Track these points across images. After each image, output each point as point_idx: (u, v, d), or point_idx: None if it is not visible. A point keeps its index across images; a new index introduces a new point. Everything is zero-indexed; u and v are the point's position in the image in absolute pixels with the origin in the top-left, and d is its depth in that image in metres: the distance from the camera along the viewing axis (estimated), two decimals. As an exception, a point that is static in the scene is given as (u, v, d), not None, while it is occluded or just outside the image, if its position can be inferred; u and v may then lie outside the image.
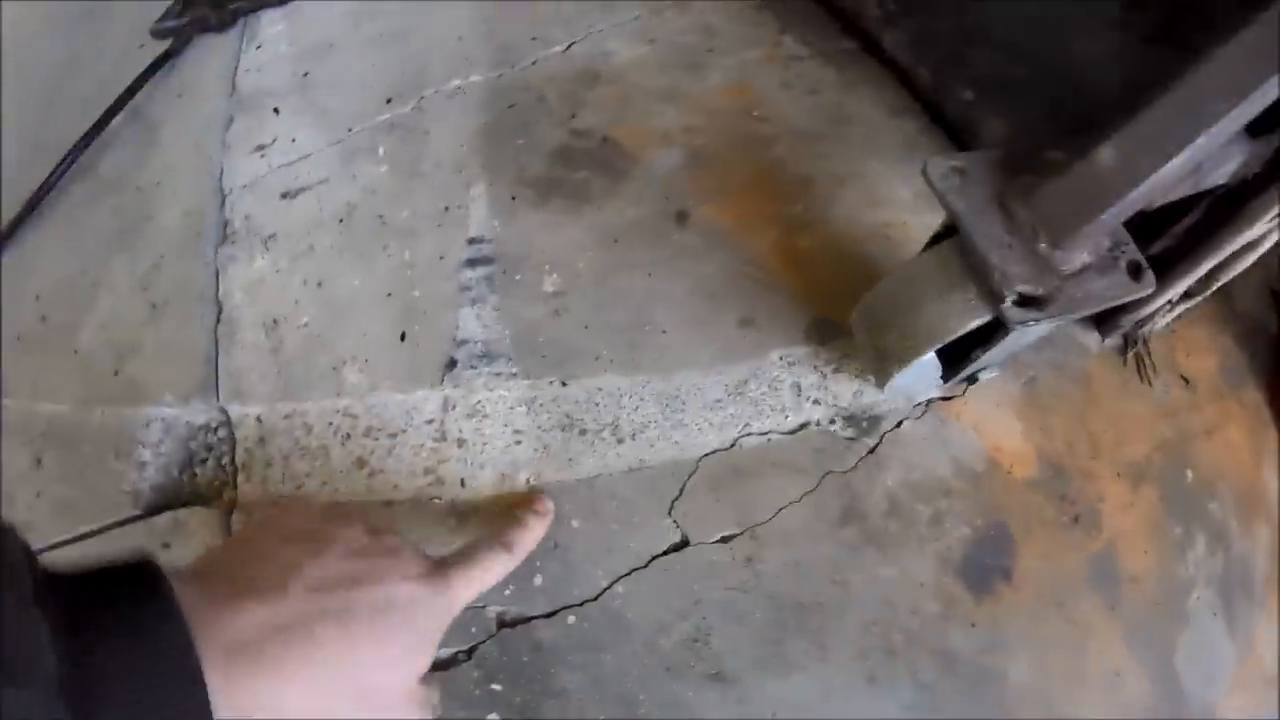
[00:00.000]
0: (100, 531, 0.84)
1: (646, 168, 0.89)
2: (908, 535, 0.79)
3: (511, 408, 0.78)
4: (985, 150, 0.67)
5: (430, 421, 0.78)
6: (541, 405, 0.78)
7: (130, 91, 1.08)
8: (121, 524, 0.83)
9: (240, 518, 0.79)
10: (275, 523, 0.45)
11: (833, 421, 0.81)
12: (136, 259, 0.96)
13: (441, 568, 0.50)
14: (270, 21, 1.09)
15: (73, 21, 1.24)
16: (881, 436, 0.82)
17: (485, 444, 0.76)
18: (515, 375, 0.78)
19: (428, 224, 0.86)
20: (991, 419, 0.86)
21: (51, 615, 0.29)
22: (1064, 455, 0.85)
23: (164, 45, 1.15)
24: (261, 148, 0.96)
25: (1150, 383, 0.95)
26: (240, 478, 0.81)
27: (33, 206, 1.05)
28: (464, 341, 0.80)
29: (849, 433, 0.81)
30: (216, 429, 0.84)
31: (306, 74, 1.01)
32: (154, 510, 0.84)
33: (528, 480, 0.75)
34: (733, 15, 1.06)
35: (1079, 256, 0.64)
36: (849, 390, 0.82)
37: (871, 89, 1.02)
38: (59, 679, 0.28)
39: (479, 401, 0.78)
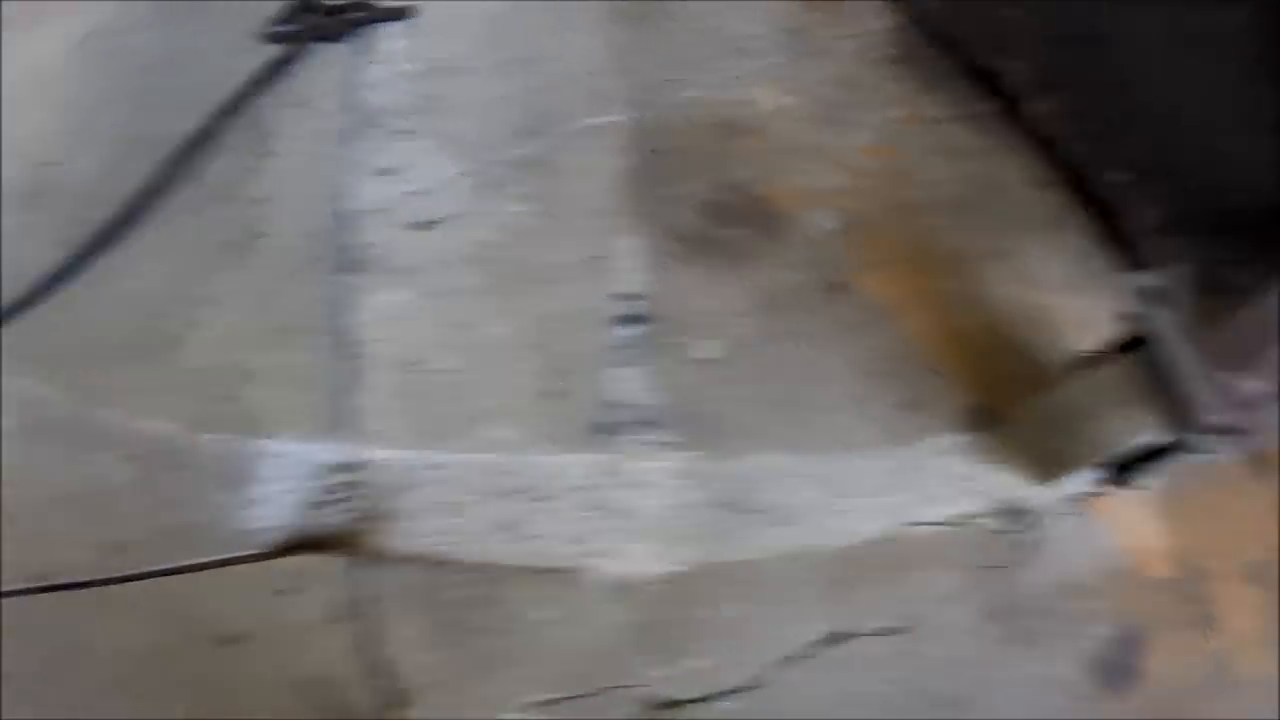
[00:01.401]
0: (218, 564, 0.78)
1: (800, 230, 0.86)
2: (1050, 633, 0.79)
3: (669, 480, 0.74)
4: (1176, 270, 0.67)
5: (581, 487, 0.73)
6: (702, 481, 0.75)
7: (242, 97, 1.02)
8: (239, 561, 0.77)
9: (372, 572, 0.74)
10: None
11: (987, 514, 0.79)
12: (251, 278, 0.91)
13: None
14: (389, 37, 1.05)
15: (171, 19, 1.18)
16: (1033, 532, 0.81)
17: (641, 516, 0.73)
18: (674, 446, 0.75)
19: (572, 273, 0.82)
20: (1131, 518, 0.85)
21: None
22: (1193, 555, 0.85)
23: (273, 50, 1.08)
24: (388, 171, 0.92)
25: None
26: (368, 526, 0.76)
27: (136, 208, 0.99)
28: (617, 404, 0.77)
29: (1002, 526, 0.80)
30: (342, 470, 0.79)
31: (432, 96, 0.97)
32: (272, 552, 0.78)
33: (684, 559, 0.71)
34: (871, 69, 1.04)
35: (1257, 384, 0.64)
36: (1004, 482, 0.81)
37: (1015, 157, 1.00)
38: None
39: (635, 471, 0.74)
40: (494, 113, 0.97)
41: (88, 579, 0.84)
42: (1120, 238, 0.96)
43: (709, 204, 0.88)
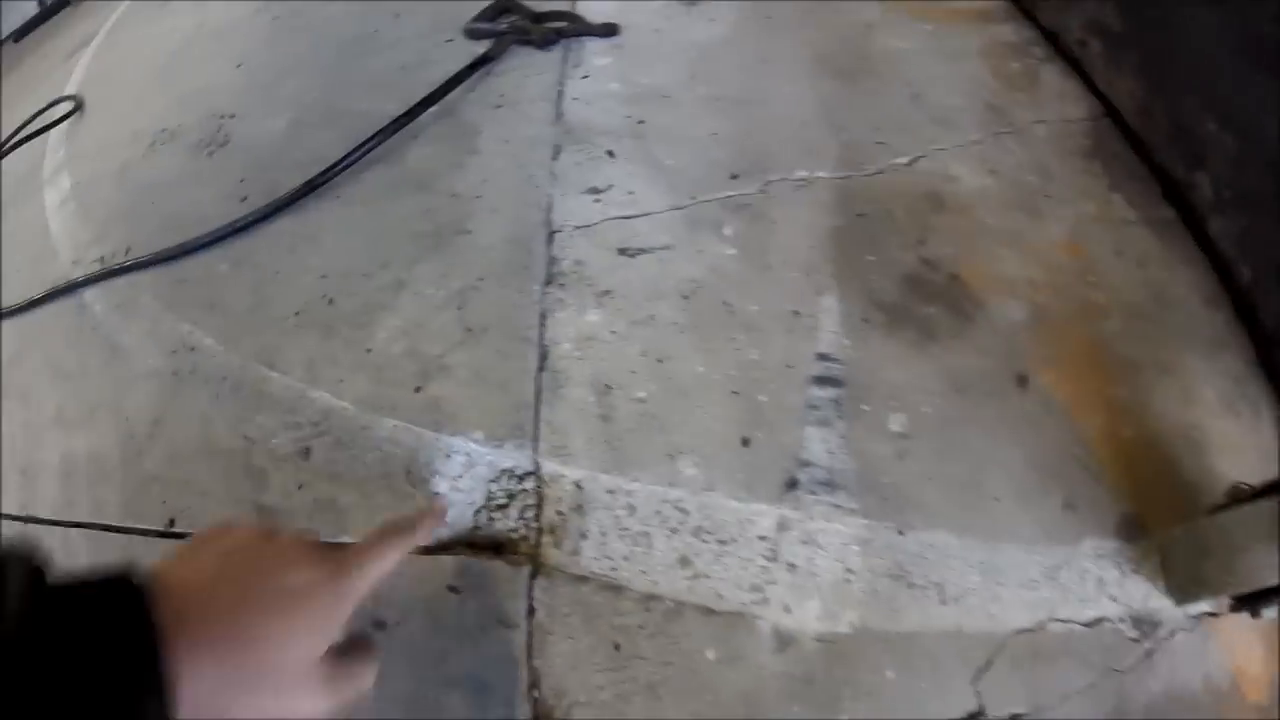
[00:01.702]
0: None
1: (991, 317, 0.88)
2: None
3: (846, 544, 0.77)
4: None
5: (764, 538, 0.77)
6: (876, 549, 0.77)
7: (445, 88, 1.05)
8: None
9: (543, 584, 0.78)
10: (214, 536, 0.50)
11: (1122, 620, 0.83)
12: (450, 272, 0.94)
13: (338, 558, 0.54)
14: (596, 52, 1.07)
15: None
16: (1158, 643, 0.84)
17: (816, 575, 0.76)
18: (855, 511, 0.78)
19: (776, 325, 0.85)
20: (1241, 640, 0.89)
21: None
22: None
23: (474, 46, 1.11)
24: (596, 191, 0.94)
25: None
26: (547, 540, 0.79)
27: (325, 177, 1.02)
28: (807, 463, 0.79)
29: (1133, 633, 0.83)
30: (524, 479, 0.82)
31: (642, 122, 0.99)
32: (443, 547, 0.82)
33: (851, 622, 0.75)
34: (1066, 158, 1.05)
35: None
36: (1141, 592, 0.85)
37: (1190, 271, 1.02)
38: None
39: (816, 530, 0.77)
40: (706, 149, 0.99)
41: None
42: (1271, 366, 0.98)
43: (909, 277, 0.90)
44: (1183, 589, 0.83)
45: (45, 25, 2.19)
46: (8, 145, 1.50)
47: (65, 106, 1.55)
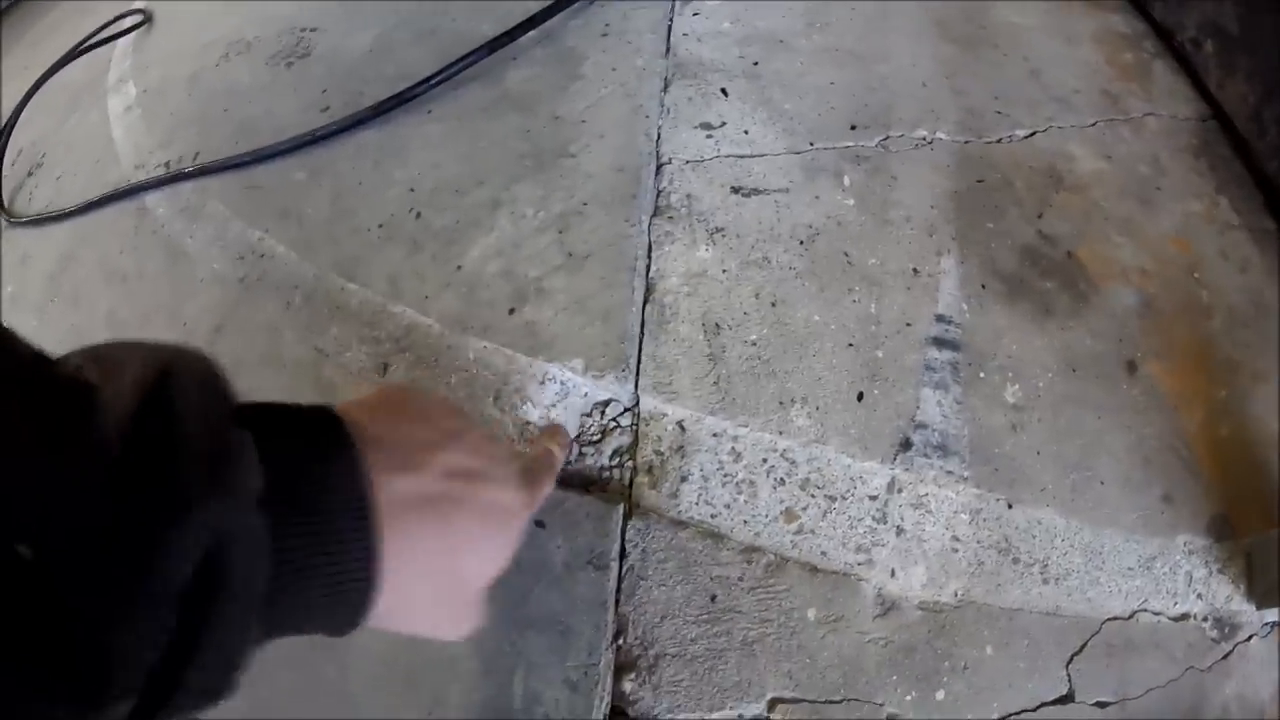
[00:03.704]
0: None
1: (1106, 300, 0.87)
2: None
3: (956, 512, 0.74)
4: None
5: (874, 497, 0.74)
6: (985, 519, 0.75)
7: (548, 12, 1.01)
8: None
9: (638, 525, 0.73)
10: (413, 399, 0.45)
11: (1205, 619, 0.84)
12: (551, 194, 0.89)
13: (533, 478, 0.52)
14: (706, -11, 1.02)
15: None
16: (1235, 646, 0.84)
17: (924, 540, 0.73)
18: (967, 480, 0.75)
19: (897, 281, 0.82)
20: None
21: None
22: None
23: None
24: (709, 127, 0.90)
25: None
26: (643, 480, 0.75)
27: (413, 93, 0.97)
28: (922, 425, 0.76)
29: (1214, 633, 0.85)
30: (623, 414, 0.78)
31: (756, 64, 0.96)
32: None
33: (955, 592, 0.72)
34: (1176, 153, 1.05)
35: None
36: (1225, 593, 0.86)
37: None
38: (259, 498, 0.30)
39: (927, 494, 0.74)
40: (825, 98, 0.96)
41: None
42: None
43: (1029, 249, 0.87)
44: (1264, 594, 0.84)
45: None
46: (72, 53, 1.42)
47: (134, 18, 1.47)
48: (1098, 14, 1.24)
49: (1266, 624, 0.88)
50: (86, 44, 1.45)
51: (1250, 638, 0.86)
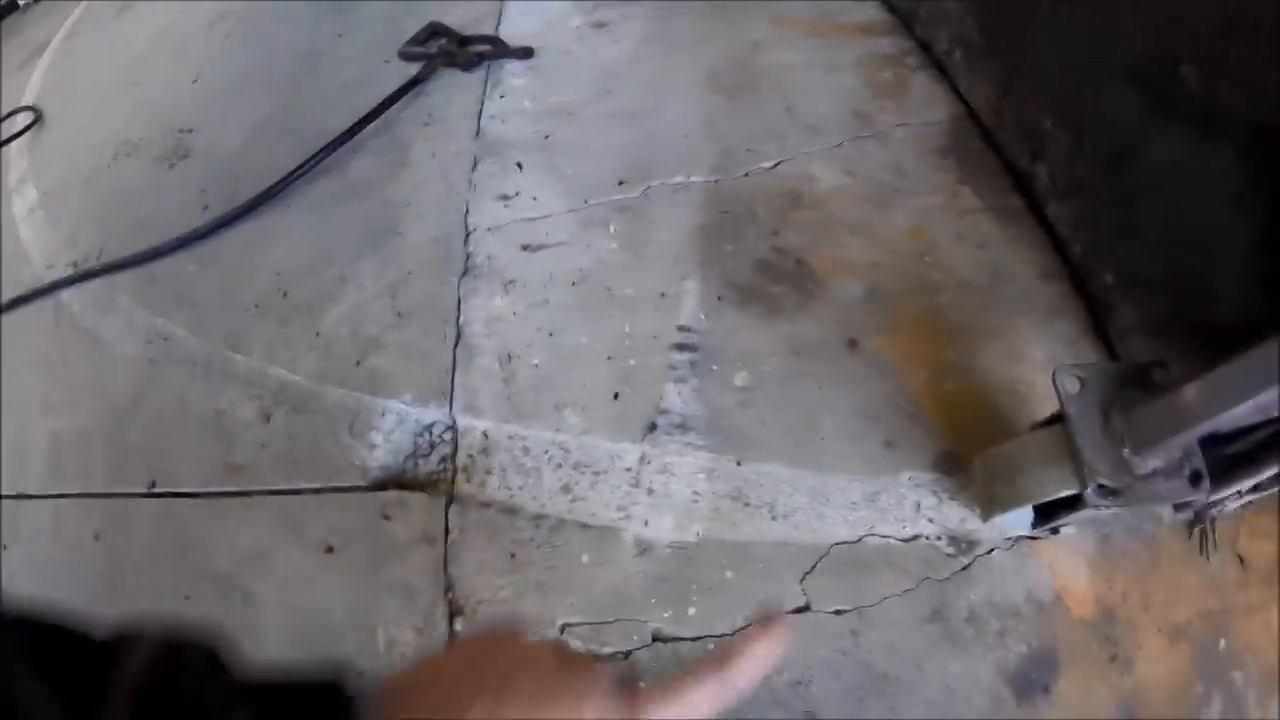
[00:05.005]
0: (331, 491, 1.30)
1: (831, 293, 1.35)
2: (977, 641, 1.15)
3: (694, 473, 1.25)
4: (1104, 364, 1.03)
5: (629, 469, 1.26)
6: (718, 476, 1.24)
7: (383, 107, 1.56)
8: (349, 490, 1.24)
9: (456, 510, 1.29)
10: (503, 653, 0.47)
11: (939, 539, 1.20)
12: (385, 267, 1.42)
13: (634, 694, 0.50)
14: (513, 73, 1.55)
15: (314, 19, 1.65)
16: (975, 558, 1.18)
17: (670, 497, 1.24)
18: (702, 448, 1.26)
19: (647, 303, 1.32)
20: (1065, 563, 1.22)
21: None
22: (1118, 605, 1.24)
23: (408, 67, 1.63)
24: (505, 197, 1.43)
25: (1209, 557, 1.32)
26: (460, 477, 1.30)
27: (277, 189, 1.51)
28: (665, 411, 1.29)
29: (950, 550, 1.21)
30: (444, 431, 1.35)
31: (548, 136, 1.47)
32: (379, 485, 1.34)
33: (697, 533, 1.25)
34: (922, 156, 1.50)
35: (1153, 462, 0.98)
36: (957, 516, 1.22)
37: (1029, 250, 1.41)
38: None
39: (670, 463, 1.26)
40: (601, 160, 1.45)
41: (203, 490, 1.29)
42: (1104, 332, 1.33)
43: (762, 262, 1.39)
44: (984, 505, 1.17)
45: (-5, 32, 2.72)
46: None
47: (26, 118, 1.91)
48: (867, 40, 1.74)
49: (1008, 539, 1.34)
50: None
51: (991, 550, 1.22)
